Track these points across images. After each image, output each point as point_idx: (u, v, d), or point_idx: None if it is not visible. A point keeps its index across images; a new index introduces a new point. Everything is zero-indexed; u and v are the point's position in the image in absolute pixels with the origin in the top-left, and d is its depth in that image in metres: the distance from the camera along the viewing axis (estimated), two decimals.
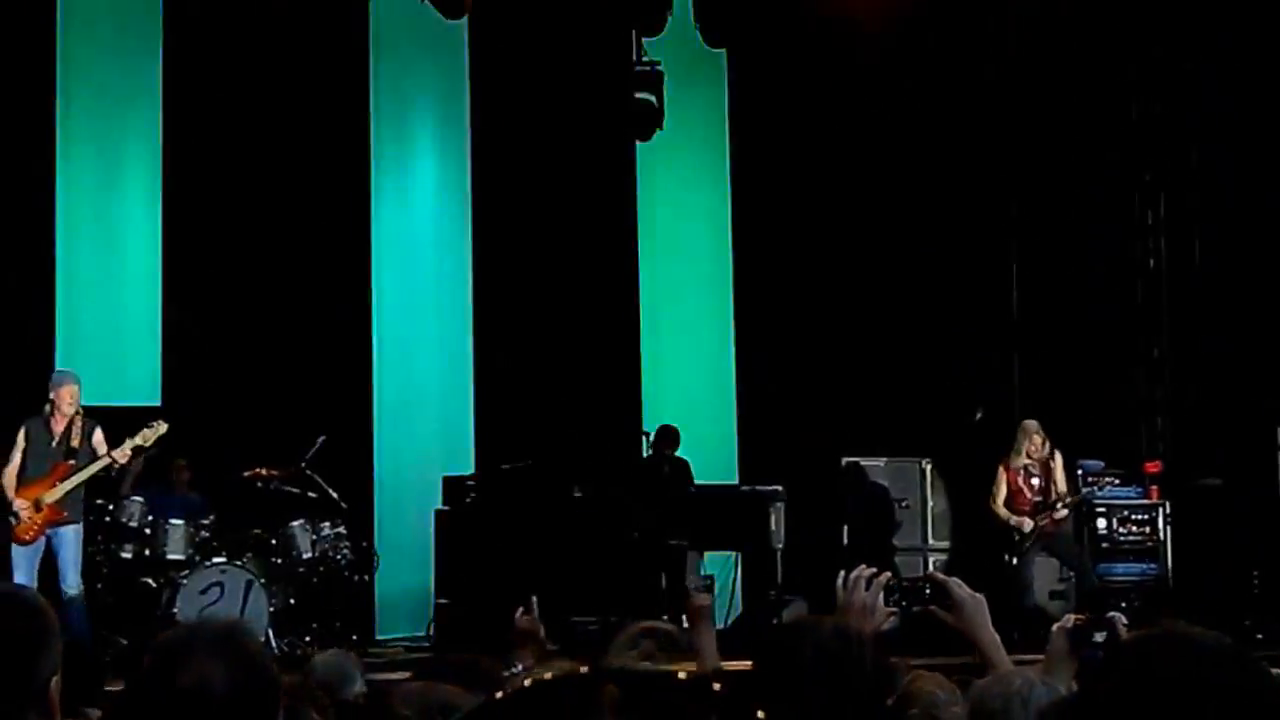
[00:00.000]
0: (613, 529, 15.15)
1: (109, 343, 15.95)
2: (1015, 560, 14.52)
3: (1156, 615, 14.72)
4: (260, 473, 13.99)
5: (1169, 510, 15.92)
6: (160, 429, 13.17)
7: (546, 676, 1.48)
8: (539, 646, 6.94)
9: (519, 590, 14.61)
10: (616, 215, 17.50)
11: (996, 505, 14.69)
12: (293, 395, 15.72)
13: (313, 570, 13.99)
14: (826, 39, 17.41)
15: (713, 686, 1.44)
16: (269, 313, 16.10)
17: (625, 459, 16.05)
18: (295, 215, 16.25)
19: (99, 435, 12.99)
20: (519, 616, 6.99)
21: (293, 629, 13.85)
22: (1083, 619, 4.54)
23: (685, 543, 14.90)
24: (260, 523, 14.10)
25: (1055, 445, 14.73)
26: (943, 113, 17.31)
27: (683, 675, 1.51)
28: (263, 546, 13.99)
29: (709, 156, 18.05)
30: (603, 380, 17.22)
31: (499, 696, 1.48)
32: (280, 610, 13.68)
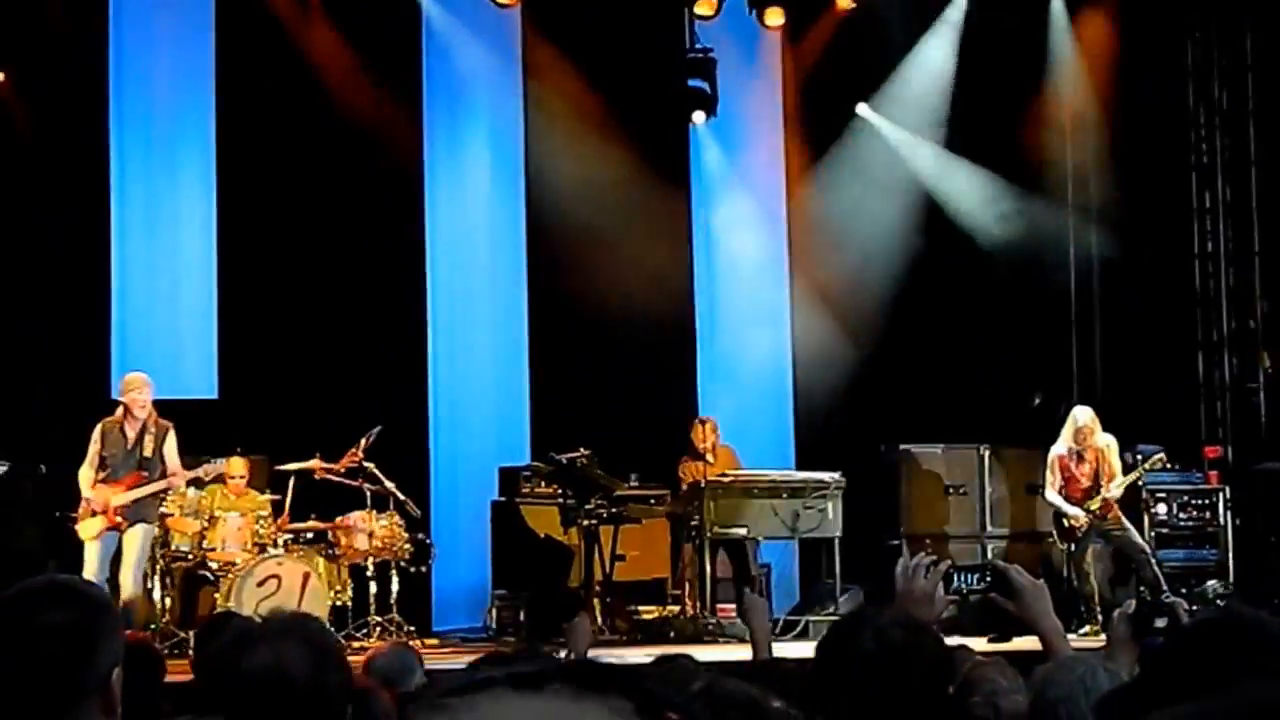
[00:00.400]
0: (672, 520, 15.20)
1: (166, 337, 16.02)
2: (1074, 547, 14.45)
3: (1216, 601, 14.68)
4: (317, 465, 14.02)
5: (1229, 495, 15.85)
6: (220, 468, 13.31)
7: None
8: (593, 635, 7.06)
9: (576, 581, 14.77)
10: (670, 203, 17.46)
11: (1049, 493, 14.62)
12: (349, 388, 15.75)
13: (370, 563, 14.02)
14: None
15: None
16: (325, 306, 16.13)
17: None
18: (350, 207, 16.27)
19: (171, 444, 13.08)
20: (568, 625, 7.10)
21: (350, 622, 13.89)
22: (1144, 605, 4.52)
23: (746, 532, 14.88)
24: (317, 515, 14.15)
25: (1110, 430, 14.64)
26: (978, 96, 17.24)
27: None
28: (320, 539, 14.04)
29: (762, 139, 17.99)
30: (658, 369, 17.20)
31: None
32: (338, 602, 13.75)
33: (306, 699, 3.30)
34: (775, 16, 17.30)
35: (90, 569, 12.70)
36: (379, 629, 13.83)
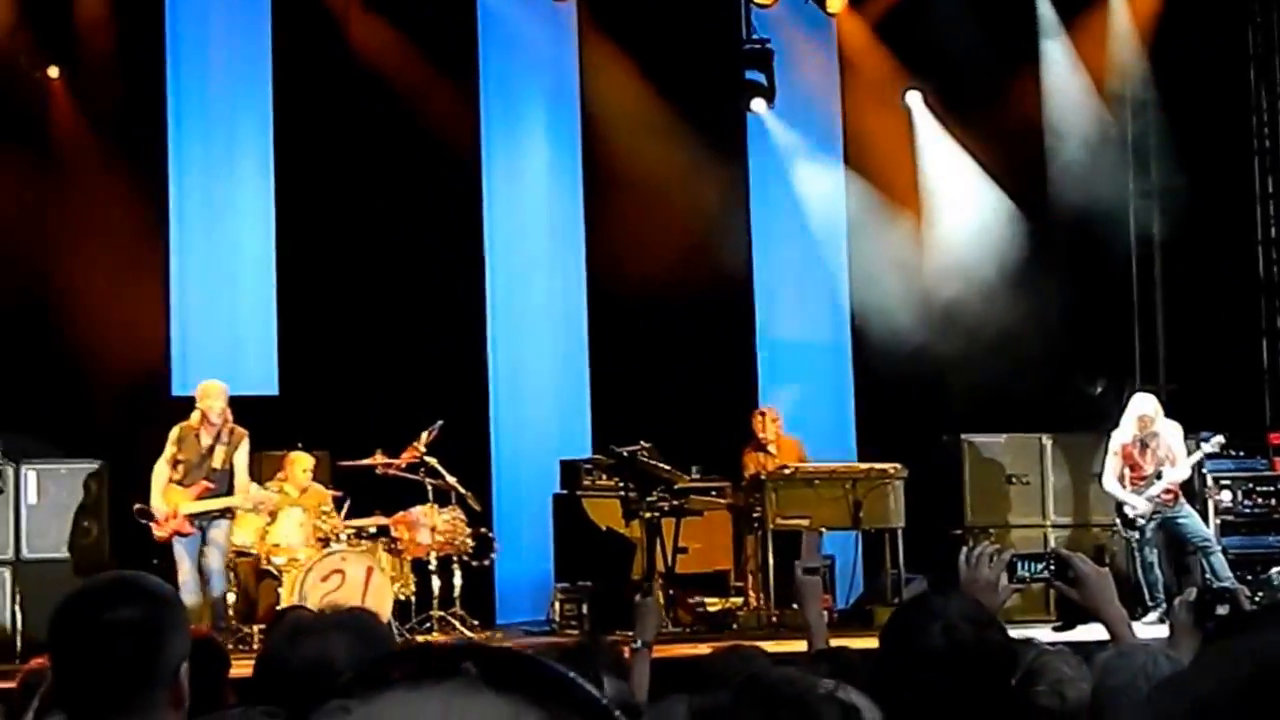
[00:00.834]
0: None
1: (226, 334, 16.09)
2: (1137, 535, 14.39)
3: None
4: (378, 460, 14.07)
5: None
6: (272, 499, 13.50)
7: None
8: (659, 626, 7.01)
9: (638, 573, 14.78)
10: (728, 191, 17.44)
11: (1108, 481, 14.55)
12: (409, 382, 15.79)
13: (432, 557, 14.06)
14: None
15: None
16: (384, 300, 16.17)
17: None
18: (408, 200, 16.32)
19: (243, 455, 13.20)
20: (638, 599, 7.04)
21: (414, 616, 13.94)
22: (1206, 592, 4.50)
23: (808, 523, 14.88)
24: (379, 510, 14.19)
25: (1172, 417, 14.57)
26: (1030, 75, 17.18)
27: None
28: (382, 534, 14.09)
29: (820, 128, 17.95)
30: (718, 359, 17.19)
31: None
32: (401, 597, 13.80)
33: None
34: (836, 4, 17.37)
35: (184, 575, 12.95)
36: (442, 623, 13.88)
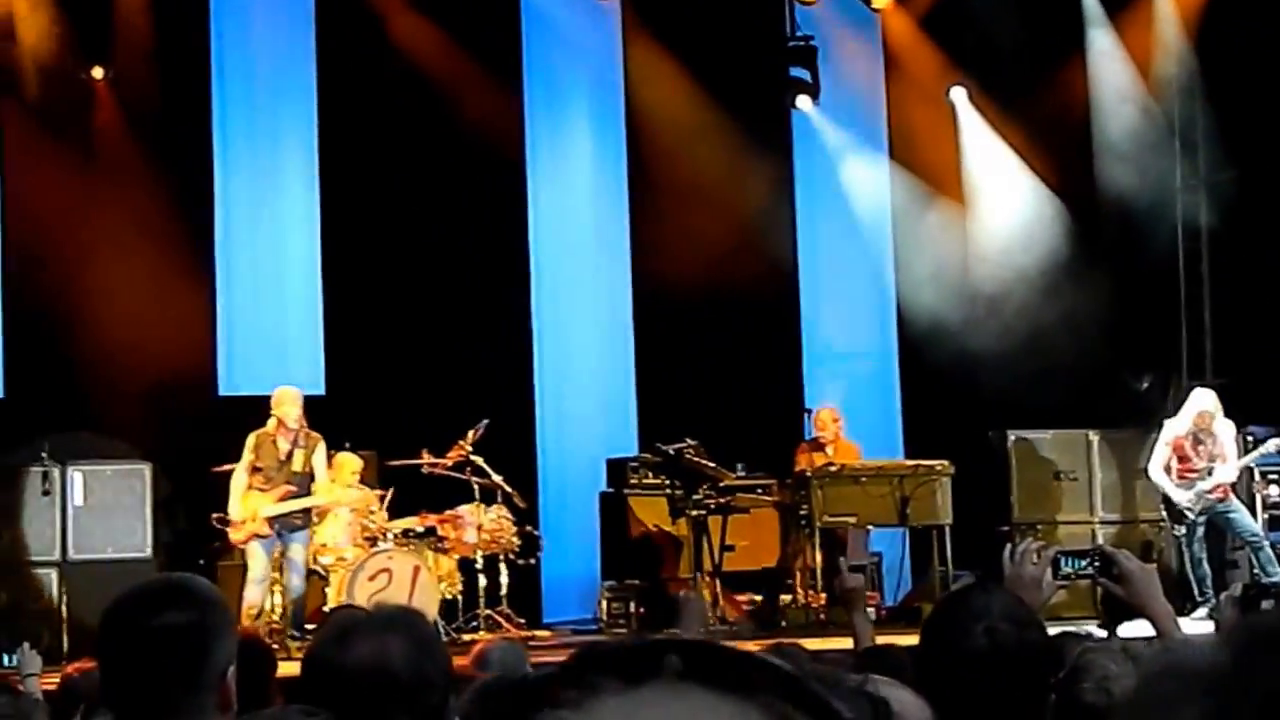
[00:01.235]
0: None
1: (272, 334, 16.15)
2: (1185, 530, 14.32)
3: None
4: (425, 459, 14.10)
5: None
6: (371, 498, 13.60)
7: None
8: (704, 622, 7.00)
9: (685, 571, 14.78)
10: (773, 189, 17.43)
11: (1154, 471, 14.47)
12: (455, 381, 15.81)
13: (479, 556, 14.08)
14: None
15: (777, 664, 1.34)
16: (429, 299, 16.20)
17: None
18: (452, 199, 16.34)
19: (321, 457, 13.32)
20: (683, 595, 7.04)
21: (460, 614, 13.97)
22: (1251, 588, 4.49)
23: (855, 520, 14.86)
24: (426, 508, 14.22)
25: (1224, 412, 14.49)
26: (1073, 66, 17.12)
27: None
28: (429, 533, 14.12)
29: (865, 125, 17.94)
30: (764, 357, 17.18)
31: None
32: (447, 596, 13.83)
33: (408, 691, 3.35)
34: (881, 0, 17.37)
35: (256, 571, 13.10)
36: (489, 622, 13.90)
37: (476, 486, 14.11)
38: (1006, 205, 17.32)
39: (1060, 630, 4.24)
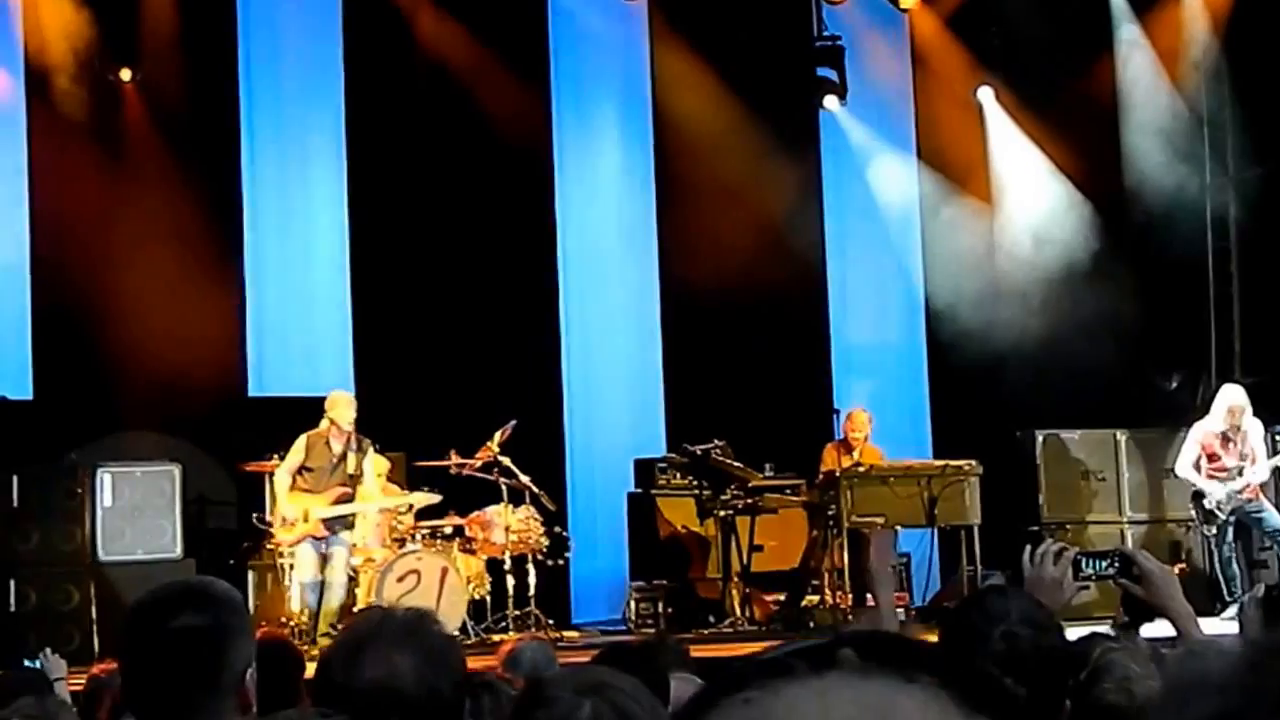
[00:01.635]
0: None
1: (300, 335, 16.19)
2: (1215, 530, 14.28)
3: None
4: (453, 460, 14.11)
5: None
6: (433, 499, 13.65)
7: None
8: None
9: (713, 571, 14.78)
10: (800, 188, 17.42)
11: (1183, 467, 14.43)
12: (483, 382, 15.82)
13: (507, 556, 14.09)
14: None
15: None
16: (457, 299, 16.22)
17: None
18: (480, 199, 16.36)
19: (370, 460, 13.41)
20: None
21: (489, 615, 13.98)
22: (1276, 588, 4.47)
23: (884, 521, 14.84)
24: (454, 509, 14.24)
25: (1254, 412, 14.44)
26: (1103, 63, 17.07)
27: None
28: (457, 534, 14.13)
29: (893, 124, 17.92)
30: (792, 357, 17.17)
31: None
32: (476, 596, 13.85)
33: (418, 707, 3.34)
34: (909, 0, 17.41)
35: (306, 574, 13.18)
36: (518, 622, 13.91)
37: (504, 487, 14.11)
38: (1034, 204, 17.29)
39: (1090, 630, 4.23)
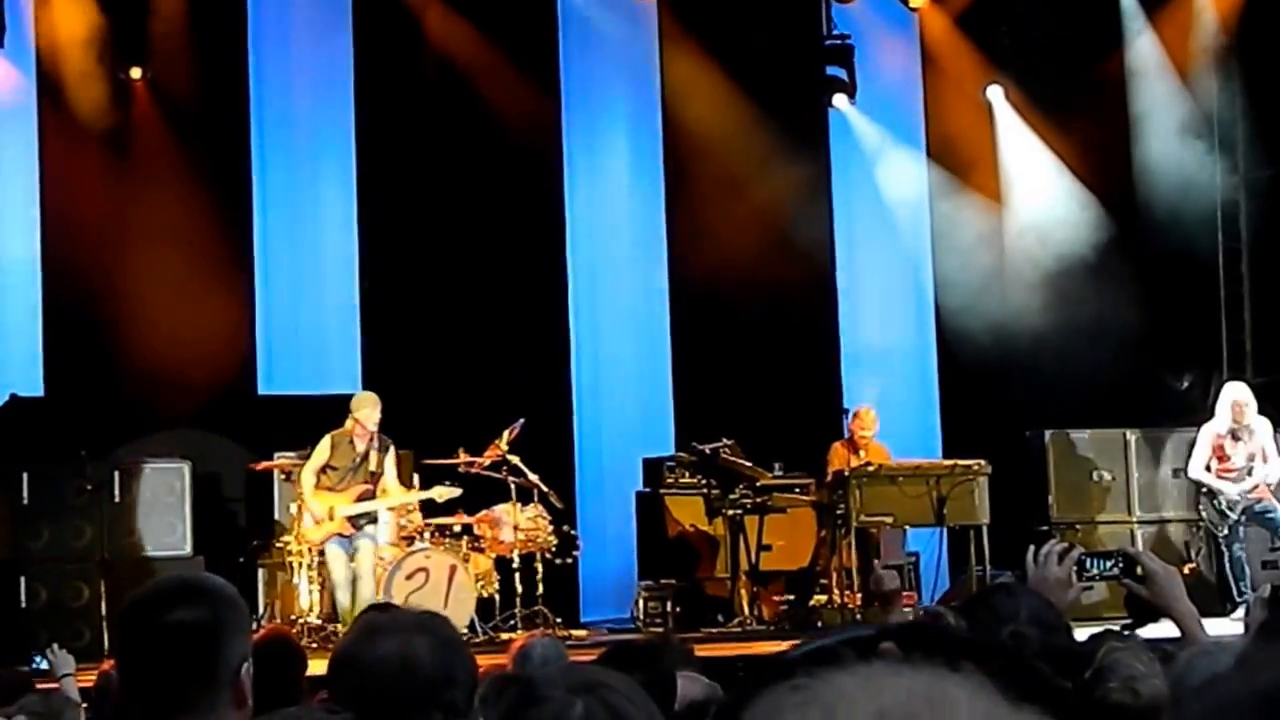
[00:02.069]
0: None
1: (309, 333, 16.19)
2: (1226, 531, 14.25)
3: None
4: (461, 458, 14.11)
5: None
6: (453, 493, 13.56)
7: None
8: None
9: (721, 570, 14.77)
10: (810, 187, 17.39)
11: (1194, 469, 14.42)
12: (492, 380, 15.82)
13: (515, 555, 14.08)
14: None
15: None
16: (466, 298, 16.22)
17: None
18: (489, 198, 16.35)
19: (391, 459, 13.45)
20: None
21: (497, 614, 13.98)
22: None
23: (889, 520, 14.82)
24: (462, 508, 14.23)
25: (1262, 412, 14.41)
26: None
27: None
28: (465, 532, 14.13)
29: (902, 123, 17.90)
30: (801, 356, 17.15)
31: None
32: (484, 595, 13.85)
33: (434, 687, 3.35)
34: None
35: (339, 574, 13.22)
36: (526, 621, 13.90)
37: (513, 485, 14.11)
38: (1044, 203, 17.27)
39: (1103, 629, 4.22)
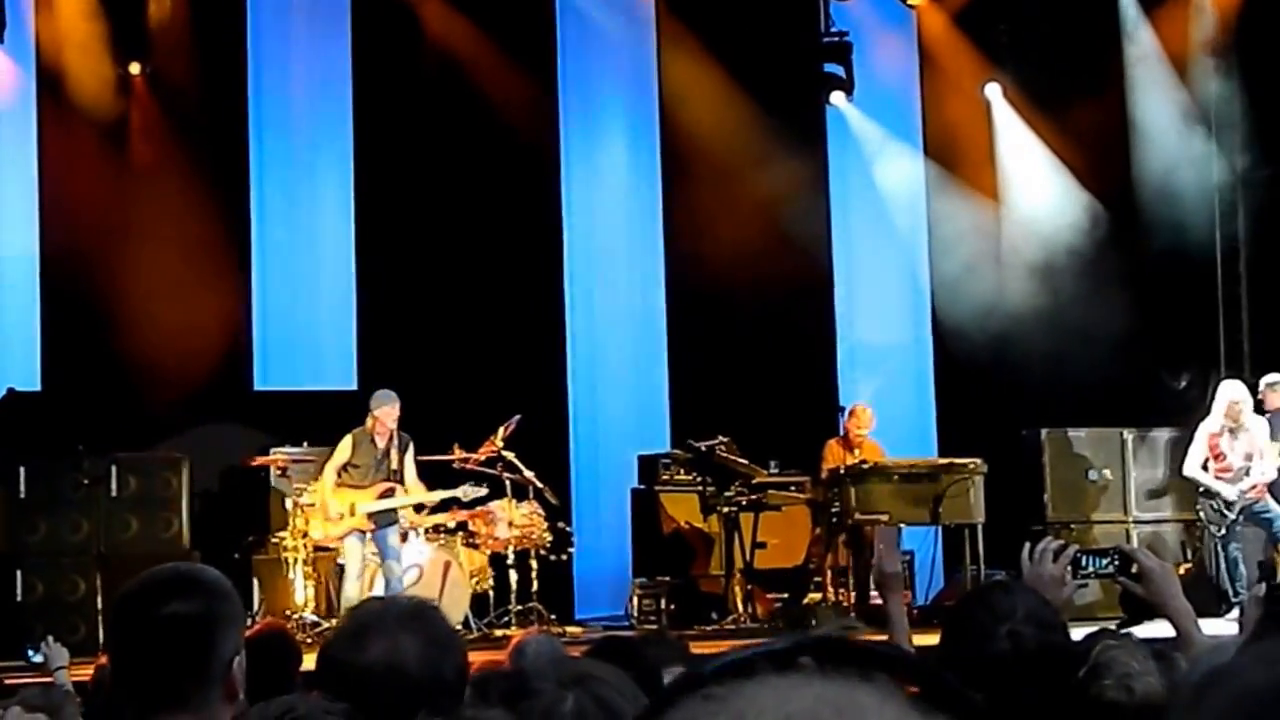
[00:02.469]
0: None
1: (305, 329, 16.18)
2: (1223, 530, 14.25)
3: None
4: (456, 454, 14.10)
5: None
6: (479, 493, 13.61)
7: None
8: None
9: (716, 568, 14.76)
10: (807, 183, 17.39)
11: (1190, 468, 14.41)
12: (487, 376, 15.81)
13: (510, 551, 14.08)
14: None
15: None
16: (462, 294, 16.21)
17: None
18: (486, 195, 16.35)
19: (410, 456, 13.46)
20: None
21: (492, 610, 13.98)
22: (1277, 588, 4.45)
23: (884, 518, 14.81)
24: (457, 504, 14.21)
25: (1259, 411, 14.41)
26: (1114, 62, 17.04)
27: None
28: (460, 528, 14.12)
29: (900, 120, 17.90)
30: (798, 354, 17.15)
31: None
32: (479, 591, 13.85)
33: (422, 688, 3.34)
34: None
35: (354, 568, 13.26)
36: (521, 617, 13.90)
37: (508, 482, 14.11)
38: (1041, 201, 17.27)
39: (1099, 628, 4.22)
